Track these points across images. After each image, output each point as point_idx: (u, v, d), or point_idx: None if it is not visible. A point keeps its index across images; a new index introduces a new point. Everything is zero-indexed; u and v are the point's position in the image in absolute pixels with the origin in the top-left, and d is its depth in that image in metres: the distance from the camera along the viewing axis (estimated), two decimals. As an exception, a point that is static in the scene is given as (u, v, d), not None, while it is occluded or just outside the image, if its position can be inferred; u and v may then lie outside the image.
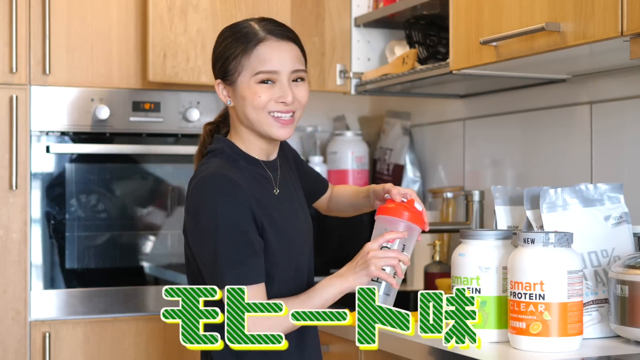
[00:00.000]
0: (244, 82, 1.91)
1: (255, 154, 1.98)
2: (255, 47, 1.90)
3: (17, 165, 2.86)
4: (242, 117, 1.94)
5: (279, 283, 1.92)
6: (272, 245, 1.90)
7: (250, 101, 1.90)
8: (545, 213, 2.08)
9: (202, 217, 1.86)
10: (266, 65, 1.90)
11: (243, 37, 1.92)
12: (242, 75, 1.91)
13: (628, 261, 1.98)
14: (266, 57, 1.90)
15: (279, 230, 1.92)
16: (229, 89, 1.95)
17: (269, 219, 1.90)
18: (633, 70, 2.40)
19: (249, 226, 1.85)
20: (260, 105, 1.90)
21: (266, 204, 1.92)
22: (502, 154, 2.98)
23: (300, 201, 2.08)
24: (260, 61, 1.90)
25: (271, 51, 1.91)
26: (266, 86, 1.91)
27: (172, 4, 2.96)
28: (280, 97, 1.90)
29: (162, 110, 3.05)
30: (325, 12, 3.17)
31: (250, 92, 1.90)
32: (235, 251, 1.83)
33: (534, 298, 1.90)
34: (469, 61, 2.43)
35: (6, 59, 2.87)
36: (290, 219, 1.98)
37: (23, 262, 2.88)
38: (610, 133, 2.54)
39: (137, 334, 3.00)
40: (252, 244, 1.85)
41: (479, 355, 1.89)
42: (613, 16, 1.93)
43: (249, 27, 1.94)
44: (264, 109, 1.90)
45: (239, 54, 1.91)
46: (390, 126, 3.52)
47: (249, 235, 1.85)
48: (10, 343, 2.85)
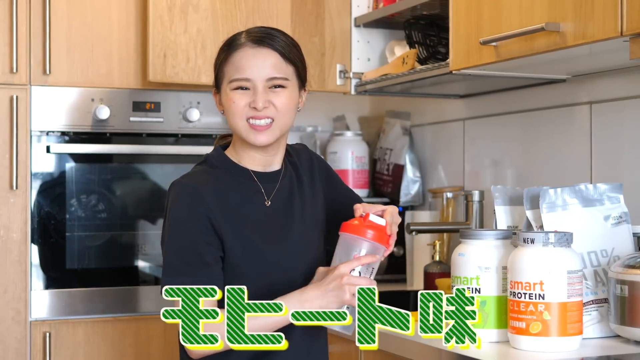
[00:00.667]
0: (224, 90, 1.93)
1: (248, 163, 1.96)
2: (232, 54, 1.91)
3: (18, 165, 2.86)
4: (230, 125, 1.95)
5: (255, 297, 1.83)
6: (235, 258, 1.87)
7: (228, 108, 1.92)
8: (545, 213, 2.08)
9: (164, 223, 1.90)
10: (239, 72, 1.90)
11: (226, 45, 1.94)
12: (223, 82, 1.93)
13: (628, 261, 1.98)
14: (240, 64, 1.90)
15: (249, 244, 1.88)
16: (219, 98, 1.96)
17: (236, 233, 1.87)
18: (632, 70, 2.40)
19: (200, 236, 1.84)
20: (236, 111, 1.90)
21: (241, 217, 1.89)
22: (502, 154, 2.98)
23: (306, 218, 2.00)
24: (235, 68, 1.90)
25: (245, 58, 1.90)
26: (240, 92, 1.90)
27: (172, 4, 2.96)
28: (252, 103, 1.89)
29: (162, 110, 3.05)
30: (325, 12, 3.17)
31: (227, 99, 1.92)
32: (178, 260, 1.84)
33: (533, 298, 1.90)
34: (468, 61, 2.43)
35: (6, 59, 2.87)
36: (275, 234, 1.93)
37: (23, 262, 2.88)
38: (610, 133, 2.54)
39: (137, 334, 3.00)
40: (199, 255, 1.84)
41: (479, 355, 1.89)
42: (613, 16, 1.93)
43: (236, 35, 1.95)
44: (242, 116, 1.90)
45: (221, 62, 1.93)
46: (390, 126, 3.52)
47: (198, 246, 1.84)
48: (10, 343, 2.85)
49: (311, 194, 2.03)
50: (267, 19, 3.04)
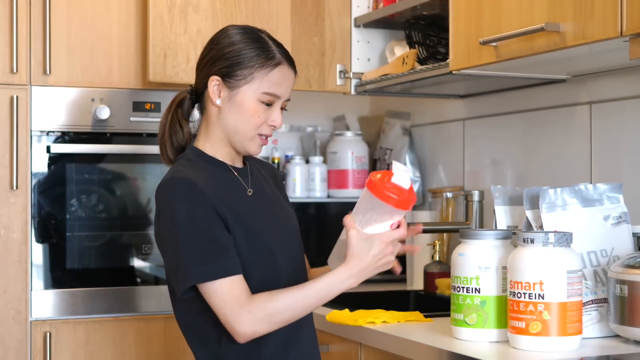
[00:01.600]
0: (247, 92, 1.93)
1: (221, 157, 1.99)
2: (274, 67, 1.93)
3: (18, 165, 2.86)
4: (225, 123, 1.95)
5: (259, 282, 1.90)
6: (238, 242, 1.89)
7: (248, 116, 1.93)
8: (545, 213, 2.08)
9: (163, 221, 1.88)
10: (275, 89, 1.93)
11: (263, 50, 1.94)
12: (250, 85, 1.92)
13: (627, 261, 1.98)
14: (278, 81, 1.94)
15: (248, 229, 1.91)
16: (225, 90, 1.95)
17: (235, 217, 1.89)
18: (632, 70, 2.40)
19: (211, 222, 1.85)
20: (256, 124, 1.93)
21: (233, 203, 1.91)
22: (502, 154, 2.98)
23: (283, 206, 2.08)
24: (272, 83, 1.93)
25: (284, 78, 1.95)
26: (264, 107, 1.94)
27: (172, 4, 2.96)
28: (273, 122, 1.95)
29: (163, 110, 3.04)
30: (325, 12, 3.17)
31: (250, 107, 1.93)
32: (197, 248, 1.83)
33: (533, 298, 1.91)
34: (468, 61, 2.43)
35: (7, 59, 2.87)
36: (265, 219, 1.97)
37: (24, 262, 2.88)
38: (610, 133, 2.54)
39: (138, 334, 3.00)
40: (217, 240, 1.84)
41: (479, 355, 1.90)
42: (612, 16, 1.93)
43: (267, 43, 1.95)
44: (256, 130, 1.94)
45: (255, 65, 1.92)
46: (390, 126, 3.52)
47: (213, 232, 1.85)
48: (10, 343, 2.86)
49: (274, 188, 2.10)
50: (267, 19, 3.04)
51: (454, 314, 2.08)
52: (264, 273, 1.92)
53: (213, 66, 1.96)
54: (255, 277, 1.89)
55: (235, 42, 1.95)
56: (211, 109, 1.97)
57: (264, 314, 1.81)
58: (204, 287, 1.83)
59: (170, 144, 2.01)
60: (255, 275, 1.90)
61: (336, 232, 1.95)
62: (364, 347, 2.33)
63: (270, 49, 1.95)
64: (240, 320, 1.81)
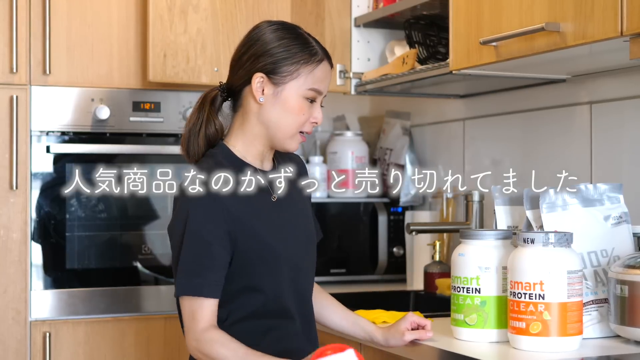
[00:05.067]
0: (293, 89, 1.92)
1: (251, 159, 1.97)
2: (319, 63, 1.94)
3: (18, 165, 2.86)
4: (267, 120, 1.93)
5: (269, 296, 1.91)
6: (249, 255, 1.89)
7: (293, 113, 1.92)
8: (545, 213, 2.08)
9: (176, 222, 1.90)
10: (319, 84, 1.94)
11: (306, 46, 1.94)
12: (295, 81, 1.92)
13: (628, 261, 1.98)
14: (322, 77, 1.95)
15: (261, 239, 1.90)
16: (269, 87, 1.92)
17: (249, 228, 1.89)
18: (633, 70, 2.40)
19: (216, 239, 1.85)
20: (300, 122, 1.94)
21: (250, 212, 1.90)
22: (502, 154, 2.98)
23: (304, 212, 2.07)
24: (317, 79, 1.94)
25: (326, 73, 1.97)
26: (309, 105, 1.94)
27: (172, 4, 2.96)
28: (315, 119, 1.96)
29: (163, 110, 3.05)
30: (325, 12, 3.17)
31: (296, 104, 1.92)
32: (194, 261, 1.85)
33: (533, 298, 1.90)
34: (468, 61, 2.43)
35: (6, 59, 2.87)
36: (281, 228, 1.96)
37: (23, 262, 2.88)
38: (610, 133, 2.54)
39: (137, 334, 3.00)
40: (213, 258, 1.85)
41: (479, 355, 1.89)
42: (613, 16, 1.93)
43: (308, 39, 1.96)
44: (299, 127, 1.94)
45: (301, 61, 1.92)
46: (390, 126, 3.52)
47: (212, 248, 1.85)
48: (10, 343, 2.85)
49: (301, 192, 2.08)
50: (266, 19, 3.03)
51: (454, 314, 2.08)
52: (270, 285, 1.92)
53: (256, 63, 1.93)
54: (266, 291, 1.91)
55: (278, 38, 1.93)
56: (251, 106, 1.94)
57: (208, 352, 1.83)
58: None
59: (204, 138, 1.97)
60: (266, 289, 1.91)
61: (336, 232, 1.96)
62: (364, 347, 2.33)
63: (312, 45, 1.95)
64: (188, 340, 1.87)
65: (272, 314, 1.93)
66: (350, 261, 3.32)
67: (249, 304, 1.91)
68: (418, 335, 2.01)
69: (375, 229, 3.33)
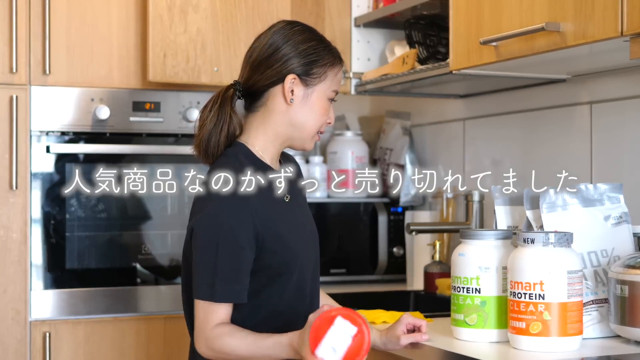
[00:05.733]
0: (321, 92, 1.95)
1: (269, 159, 1.98)
2: (340, 66, 1.99)
3: (17, 165, 2.86)
4: (294, 119, 1.94)
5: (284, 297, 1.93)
6: (274, 257, 1.90)
7: (320, 114, 1.95)
8: (545, 213, 2.08)
9: (207, 227, 1.86)
10: (338, 86, 1.99)
11: (331, 51, 1.97)
12: (323, 84, 1.95)
13: (628, 261, 1.98)
14: (340, 79, 2.00)
15: (285, 242, 1.92)
16: (300, 89, 1.93)
17: (275, 230, 1.89)
18: (633, 70, 2.40)
19: (248, 244, 1.85)
20: (323, 122, 1.97)
21: (273, 214, 1.91)
22: (502, 154, 2.98)
23: (308, 213, 2.08)
24: (338, 80, 1.99)
25: (341, 75, 2.01)
26: (330, 105, 1.98)
27: (172, 4, 2.96)
28: (331, 118, 1.99)
29: (162, 110, 3.05)
30: (325, 12, 3.17)
31: (323, 105, 1.96)
32: (231, 267, 1.84)
33: (533, 298, 1.90)
34: (469, 61, 2.43)
35: (6, 59, 2.87)
36: (297, 229, 1.97)
37: (23, 262, 2.88)
38: (610, 133, 2.54)
39: (137, 334, 3.00)
40: (247, 262, 1.86)
41: (479, 355, 1.89)
42: (613, 16, 1.93)
43: (329, 42, 1.99)
44: (319, 126, 1.97)
45: (327, 64, 1.95)
46: (390, 126, 3.52)
47: (246, 253, 1.85)
48: (10, 343, 2.85)
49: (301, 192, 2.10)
50: (267, 19, 3.04)
51: (454, 314, 2.08)
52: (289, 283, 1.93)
53: (288, 64, 1.92)
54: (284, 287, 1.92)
55: (307, 40, 1.94)
56: (278, 106, 1.94)
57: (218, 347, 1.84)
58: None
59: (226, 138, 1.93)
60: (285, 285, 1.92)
61: (336, 232, 1.96)
62: (364, 347, 2.32)
63: (333, 47, 1.99)
64: (199, 343, 1.87)
65: (286, 315, 1.93)
66: (350, 261, 3.32)
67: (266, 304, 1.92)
68: (414, 339, 2.00)
69: (375, 229, 3.33)
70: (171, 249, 3.08)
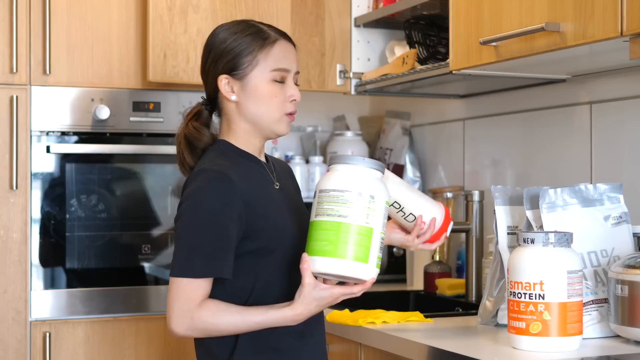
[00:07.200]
0: (257, 77, 1.95)
1: (251, 151, 2.00)
2: (273, 44, 1.96)
3: (18, 165, 2.86)
4: (247, 112, 1.97)
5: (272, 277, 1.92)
6: (264, 237, 1.90)
7: (267, 99, 1.95)
8: (545, 213, 2.08)
9: (189, 207, 1.88)
10: (283, 62, 1.96)
11: (257, 34, 1.97)
12: (257, 69, 1.95)
13: (628, 261, 1.98)
14: (282, 55, 1.97)
15: (275, 223, 1.92)
16: (235, 84, 1.96)
17: (263, 212, 1.91)
18: (633, 70, 2.40)
19: (231, 222, 1.86)
20: (278, 105, 1.96)
21: (262, 198, 1.93)
22: (502, 154, 2.98)
23: (300, 201, 2.11)
24: (278, 58, 1.96)
25: (286, 51, 1.98)
26: (280, 86, 1.96)
27: (172, 4, 2.96)
28: (292, 96, 1.97)
29: (163, 110, 3.05)
30: (325, 12, 3.17)
31: (265, 89, 1.95)
32: (211, 242, 1.85)
33: (533, 298, 1.90)
34: (468, 61, 2.43)
35: (6, 59, 2.87)
36: (290, 214, 1.99)
37: (23, 262, 2.88)
38: (610, 133, 2.54)
39: (137, 334, 3.00)
40: (229, 239, 1.86)
41: (479, 355, 1.89)
42: (613, 16, 1.93)
43: (259, 27, 1.99)
44: (282, 110, 1.96)
45: (255, 49, 1.95)
46: (390, 126, 3.52)
47: (229, 231, 1.86)
48: (10, 343, 2.85)
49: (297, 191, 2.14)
50: (267, 19, 3.04)
51: None
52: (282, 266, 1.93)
53: (217, 66, 1.98)
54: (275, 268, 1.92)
55: (228, 37, 1.97)
56: (229, 107, 1.98)
57: (203, 327, 1.86)
58: None
59: (190, 150, 1.99)
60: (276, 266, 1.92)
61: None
62: (364, 347, 2.33)
63: (263, 30, 1.98)
64: (179, 321, 1.86)
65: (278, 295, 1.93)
66: (350, 261, 3.32)
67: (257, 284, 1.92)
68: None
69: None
70: (171, 249, 3.06)
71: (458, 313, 2.67)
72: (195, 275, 1.85)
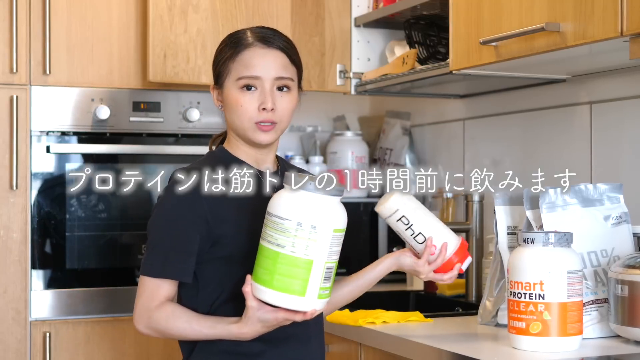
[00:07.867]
0: (228, 86, 1.94)
1: (243, 159, 1.98)
2: (242, 52, 1.92)
3: (18, 165, 2.86)
4: (229, 123, 1.98)
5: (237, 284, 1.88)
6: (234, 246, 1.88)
7: (234, 108, 1.93)
8: (545, 213, 2.08)
9: (155, 208, 1.93)
10: (249, 70, 1.91)
11: (233, 42, 1.95)
12: (228, 79, 1.94)
13: (628, 261, 1.98)
14: (250, 62, 1.91)
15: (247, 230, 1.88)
16: (220, 94, 1.97)
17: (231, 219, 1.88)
18: (633, 70, 2.40)
19: (192, 225, 1.86)
20: (244, 113, 1.91)
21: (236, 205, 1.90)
22: (502, 154, 2.98)
23: None
24: (244, 66, 1.92)
25: (255, 57, 1.92)
26: (248, 93, 1.91)
27: (172, 4, 2.96)
28: (262, 104, 1.90)
29: (163, 110, 3.05)
30: (325, 12, 3.17)
31: (233, 98, 1.93)
32: (168, 245, 1.87)
33: (533, 298, 1.90)
34: (468, 61, 2.43)
35: (6, 59, 2.87)
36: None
37: (23, 262, 2.88)
38: (610, 133, 2.54)
39: (137, 334, 2.98)
40: (188, 243, 1.87)
41: (479, 355, 1.89)
42: (613, 16, 1.93)
43: (242, 34, 1.97)
44: (250, 119, 1.91)
45: (227, 58, 1.94)
46: (390, 126, 3.52)
47: (188, 235, 1.86)
48: (10, 343, 2.85)
49: None
50: (267, 19, 3.04)
51: None
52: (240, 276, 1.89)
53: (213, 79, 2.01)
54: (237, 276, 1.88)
55: (218, 47, 1.99)
56: (224, 116, 2.00)
57: (158, 328, 1.88)
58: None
59: None
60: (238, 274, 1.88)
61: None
62: (364, 347, 2.33)
63: (240, 37, 1.95)
64: (140, 319, 1.90)
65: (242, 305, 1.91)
66: (350, 261, 3.32)
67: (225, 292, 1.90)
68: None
69: (375, 229, 3.33)
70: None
71: (458, 313, 2.67)
72: (152, 275, 1.89)
